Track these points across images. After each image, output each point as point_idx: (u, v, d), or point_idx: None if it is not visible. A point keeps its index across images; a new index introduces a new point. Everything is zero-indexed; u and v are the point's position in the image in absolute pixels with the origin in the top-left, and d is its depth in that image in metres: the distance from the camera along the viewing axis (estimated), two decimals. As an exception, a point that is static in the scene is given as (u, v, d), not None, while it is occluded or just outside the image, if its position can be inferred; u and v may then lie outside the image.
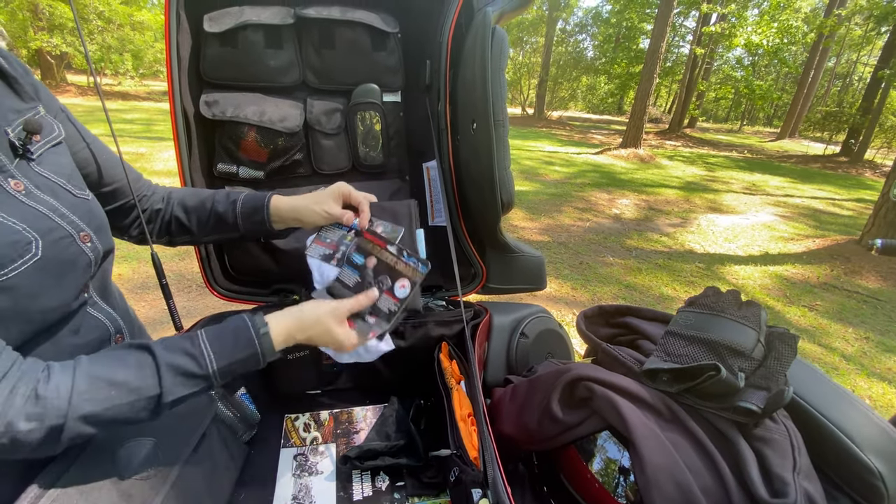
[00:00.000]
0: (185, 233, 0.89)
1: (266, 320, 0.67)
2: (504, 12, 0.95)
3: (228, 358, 0.62)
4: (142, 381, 0.56)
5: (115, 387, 0.54)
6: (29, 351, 0.59)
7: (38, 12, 12.45)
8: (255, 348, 0.64)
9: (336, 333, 0.72)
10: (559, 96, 24.60)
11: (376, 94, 1.12)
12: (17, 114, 0.62)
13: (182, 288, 3.24)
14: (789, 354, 0.64)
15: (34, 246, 0.56)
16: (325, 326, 0.71)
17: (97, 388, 0.53)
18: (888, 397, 2.68)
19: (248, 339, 0.64)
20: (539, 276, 1.24)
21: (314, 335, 0.71)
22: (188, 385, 0.59)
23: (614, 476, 0.69)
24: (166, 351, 0.59)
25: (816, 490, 0.57)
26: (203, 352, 0.61)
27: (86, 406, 0.52)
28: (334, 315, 0.72)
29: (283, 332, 0.68)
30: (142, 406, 0.56)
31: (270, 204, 0.85)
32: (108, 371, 0.55)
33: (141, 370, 0.56)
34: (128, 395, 0.55)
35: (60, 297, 0.60)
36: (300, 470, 0.94)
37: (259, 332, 0.65)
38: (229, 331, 0.64)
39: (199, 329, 0.90)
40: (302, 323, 0.70)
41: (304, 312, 0.71)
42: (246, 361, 0.64)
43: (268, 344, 0.66)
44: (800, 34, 14.87)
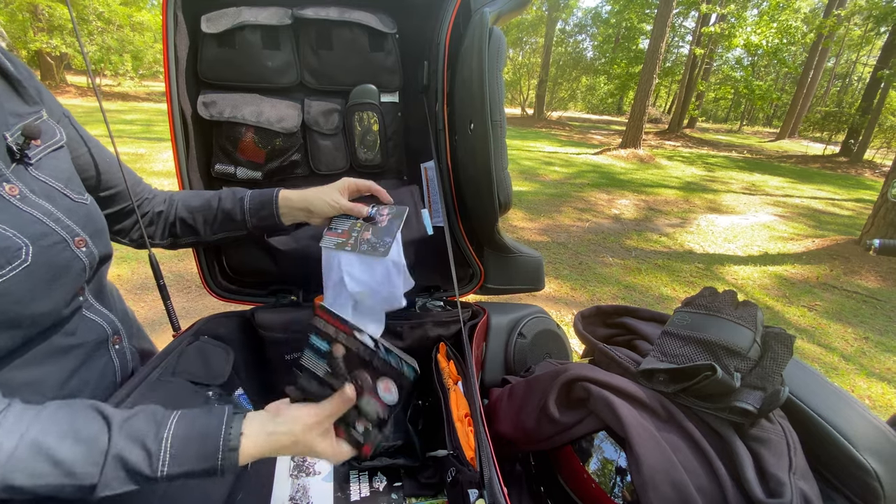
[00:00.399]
0: (191, 233, 0.89)
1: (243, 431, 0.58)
2: (501, 13, 0.95)
3: (183, 466, 0.54)
4: (83, 466, 0.50)
5: (53, 464, 0.49)
6: (21, 354, 0.59)
7: (37, 13, 12.46)
8: (216, 464, 0.56)
9: (319, 450, 0.62)
10: (559, 97, 24.61)
11: (374, 94, 1.12)
12: (18, 118, 0.62)
13: (181, 288, 3.24)
14: (785, 354, 0.64)
15: (24, 252, 0.56)
16: (305, 445, 0.61)
17: (37, 462, 0.48)
18: (888, 397, 2.68)
19: (214, 451, 0.56)
20: (537, 276, 1.24)
21: (292, 453, 0.62)
22: (128, 482, 0.52)
23: (611, 476, 0.69)
24: (123, 437, 0.53)
25: (812, 490, 0.57)
26: (161, 451, 0.53)
27: (17, 477, 0.48)
28: (313, 431, 0.61)
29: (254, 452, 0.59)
30: (70, 492, 0.50)
31: (279, 197, 0.86)
32: (57, 442, 0.50)
33: (89, 451, 0.51)
34: (62, 478, 0.49)
35: (52, 302, 0.60)
36: (298, 471, 0.94)
37: (228, 445, 0.56)
38: (198, 433, 0.56)
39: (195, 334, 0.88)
40: (276, 445, 0.60)
41: (278, 432, 0.60)
42: (197, 474, 0.56)
43: (232, 462, 0.57)
44: (799, 34, 14.88)
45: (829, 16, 15.61)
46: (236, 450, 0.57)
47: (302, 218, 0.89)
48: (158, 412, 0.57)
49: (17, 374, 0.59)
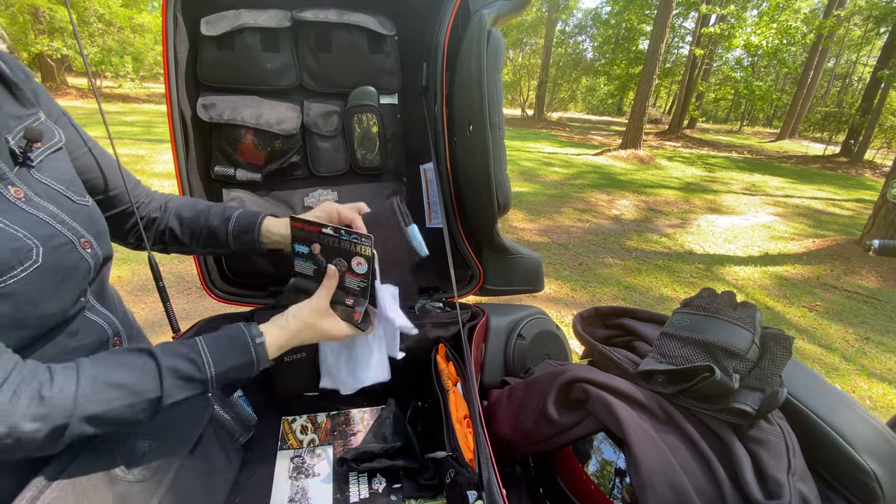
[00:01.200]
0: (178, 244, 0.89)
1: (261, 331, 0.69)
2: (500, 15, 0.96)
3: (225, 364, 0.64)
4: (144, 384, 0.58)
5: (117, 389, 0.56)
6: (27, 355, 0.59)
7: (38, 16, 12.48)
8: (251, 356, 0.66)
9: (326, 329, 0.74)
10: (559, 97, 24.60)
11: (373, 96, 1.12)
12: (17, 120, 0.62)
13: (181, 290, 3.24)
14: (784, 356, 0.64)
15: (35, 253, 0.56)
16: (314, 327, 0.73)
17: (101, 390, 0.55)
18: (888, 398, 2.68)
19: (244, 347, 0.66)
20: (536, 277, 1.24)
21: (307, 338, 0.74)
22: (186, 388, 0.61)
23: (610, 478, 0.69)
24: (167, 355, 0.61)
25: (811, 491, 0.57)
26: (202, 357, 0.63)
27: (90, 407, 0.54)
28: (317, 312, 0.74)
29: (276, 343, 0.70)
30: (142, 408, 0.58)
31: (262, 226, 0.86)
32: (112, 374, 0.56)
33: (143, 374, 0.58)
34: (129, 398, 0.56)
35: (59, 303, 0.61)
36: (297, 472, 0.94)
37: (255, 340, 0.67)
38: (226, 338, 0.66)
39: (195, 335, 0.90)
40: (291, 331, 0.72)
41: (289, 322, 0.73)
42: (241, 368, 0.66)
43: (263, 353, 0.68)
44: (799, 35, 14.87)
45: (828, 16, 15.61)
46: (263, 344, 0.68)
47: (281, 245, 0.87)
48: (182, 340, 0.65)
49: None
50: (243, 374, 0.67)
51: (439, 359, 1.01)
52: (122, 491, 0.64)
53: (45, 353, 0.62)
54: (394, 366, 0.95)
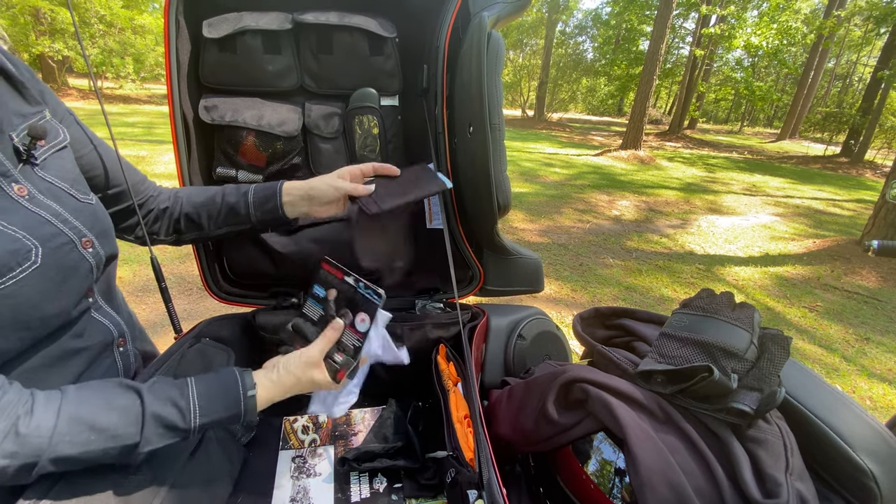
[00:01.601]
0: (195, 228, 0.89)
1: (255, 382, 0.68)
2: (500, 17, 0.96)
3: (212, 415, 0.62)
4: (124, 428, 0.56)
5: (95, 432, 0.54)
6: (30, 356, 0.60)
7: (39, 17, 12.50)
8: (240, 409, 0.65)
9: (314, 381, 0.73)
10: (559, 98, 24.60)
11: (374, 98, 1.13)
12: (22, 118, 0.62)
13: (182, 290, 3.25)
14: (782, 356, 0.64)
15: (34, 254, 0.56)
16: (302, 381, 0.71)
17: (78, 431, 0.53)
18: (889, 398, 2.68)
19: (235, 399, 0.65)
20: (536, 278, 1.24)
21: (295, 391, 0.72)
22: (167, 437, 0.59)
23: (610, 477, 0.69)
24: (155, 399, 0.59)
25: (809, 490, 0.57)
26: (190, 406, 0.61)
27: (64, 448, 0.52)
28: (308, 364, 0.72)
29: (266, 398, 0.69)
30: (116, 453, 0.56)
31: (283, 189, 0.87)
32: (93, 413, 0.54)
33: (126, 417, 0.56)
34: (106, 441, 0.55)
35: (61, 303, 0.61)
36: (298, 472, 0.95)
37: (247, 393, 0.66)
38: (219, 386, 0.65)
39: (197, 336, 0.91)
40: (282, 386, 0.70)
41: (281, 376, 0.71)
42: (226, 420, 0.65)
43: (252, 406, 0.66)
44: (799, 35, 14.87)
45: (829, 17, 15.62)
46: (254, 396, 0.66)
47: (304, 208, 0.88)
48: (173, 380, 0.64)
49: (25, 377, 0.59)
50: (229, 423, 0.65)
51: (440, 359, 1.01)
52: (124, 491, 0.64)
53: (50, 354, 0.62)
54: (394, 366, 0.96)
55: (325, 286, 0.81)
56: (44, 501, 0.58)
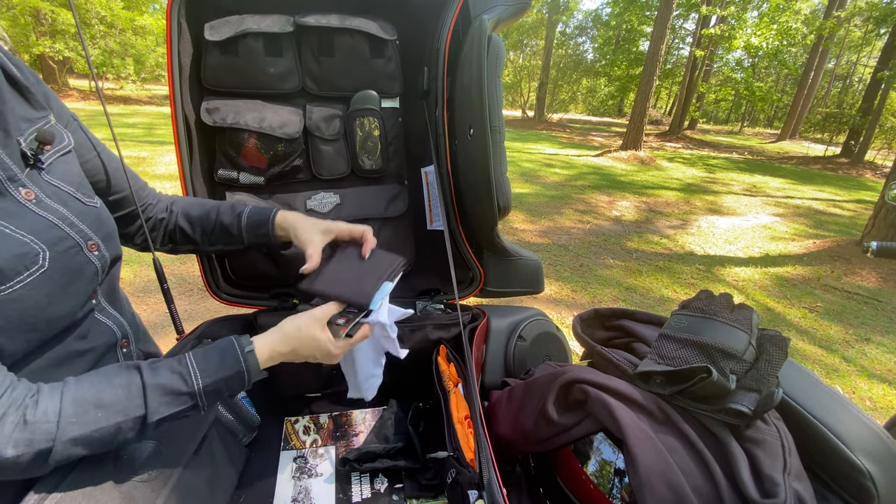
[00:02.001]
0: (189, 242, 0.90)
1: (251, 340, 0.68)
2: (500, 20, 0.97)
3: (214, 375, 0.63)
4: (128, 401, 0.57)
5: (101, 409, 0.55)
6: (36, 357, 0.60)
7: (39, 17, 12.52)
8: (241, 366, 0.65)
9: (319, 338, 0.71)
10: (559, 99, 24.58)
11: (375, 100, 1.13)
12: (28, 123, 0.63)
13: (184, 291, 3.25)
14: (780, 357, 0.65)
15: (41, 258, 0.57)
16: (308, 333, 0.71)
17: (84, 411, 0.54)
18: (889, 399, 2.68)
19: (234, 357, 0.65)
20: (536, 279, 1.25)
21: (298, 345, 0.70)
22: (174, 404, 0.60)
23: (609, 478, 0.69)
24: (153, 370, 0.60)
25: (806, 490, 0.57)
26: (189, 370, 0.62)
27: (74, 429, 0.53)
28: (314, 320, 0.72)
29: (267, 349, 0.68)
30: (129, 427, 0.57)
31: (275, 221, 0.87)
32: (95, 393, 0.56)
33: (127, 390, 0.57)
34: (114, 417, 0.56)
35: (67, 306, 0.61)
36: (300, 472, 0.95)
37: (244, 350, 0.66)
38: (215, 350, 0.65)
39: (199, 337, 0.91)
40: (284, 336, 0.70)
41: (284, 326, 0.71)
42: (231, 379, 0.64)
43: (253, 361, 0.66)
44: (799, 36, 14.89)
45: (829, 17, 15.62)
46: (253, 352, 0.66)
47: (293, 241, 0.87)
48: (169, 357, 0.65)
49: (30, 377, 0.60)
50: (235, 385, 0.65)
51: (440, 360, 1.02)
52: (127, 490, 0.65)
53: (55, 356, 0.63)
54: (395, 367, 0.96)
55: None
56: (49, 499, 0.58)
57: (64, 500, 0.59)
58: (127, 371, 0.59)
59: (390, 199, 1.24)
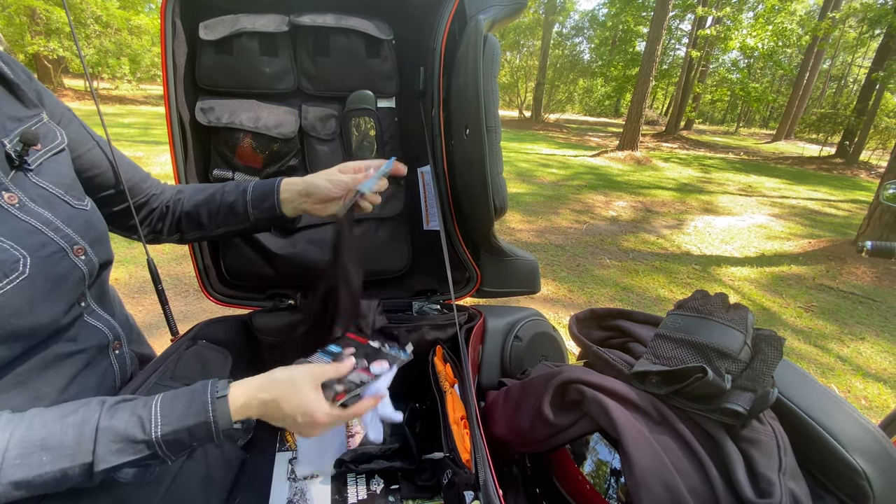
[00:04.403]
0: (196, 227, 0.88)
1: (230, 385, 0.60)
2: (496, 20, 0.97)
3: (175, 423, 0.55)
4: (76, 445, 0.51)
5: (47, 451, 0.50)
6: (20, 363, 0.59)
7: (35, 17, 12.45)
8: (207, 415, 0.56)
9: (308, 396, 0.61)
10: (556, 99, 24.60)
11: (371, 100, 1.13)
12: (17, 122, 0.62)
13: (179, 292, 3.24)
14: (775, 356, 0.65)
15: (21, 264, 0.55)
16: (298, 386, 0.61)
17: (29, 453, 0.49)
18: (883, 398, 2.70)
19: (202, 404, 0.56)
20: (533, 279, 1.25)
21: (282, 395, 0.61)
22: (126, 452, 0.53)
23: (606, 478, 0.69)
24: (113, 411, 0.54)
25: (802, 490, 0.58)
26: (151, 415, 0.54)
27: (16, 472, 0.48)
28: (309, 375, 0.63)
29: (244, 395, 0.59)
30: (74, 473, 0.51)
31: (280, 186, 0.84)
32: (45, 432, 0.50)
33: (79, 432, 0.51)
34: (60, 462, 0.50)
35: (51, 312, 0.60)
36: (295, 474, 0.95)
37: (216, 395, 0.57)
38: (185, 393, 0.58)
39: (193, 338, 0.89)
40: (271, 381, 0.62)
41: (274, 372, 0.63)
42: (196, 429, 0.56)
43: (222, 410, 0.57)
44: (794, 37, 14.99)
45: (823, 18, 15.72)
46: (225, 398, 0.58)
47: (302, 205, 0.85)
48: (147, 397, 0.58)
49: (17, 380, 0.59)
50: (201, 435, 0.56)
51: (437, 360, 1.01)
52: (120, 493, 0.64)
53: (43, 359, 0.62)
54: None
55: (344, 346, 0.77)
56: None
57: (53, 502, 0.58)
58: (86, 408, 0.53)
59: (386, 198, 1.23)
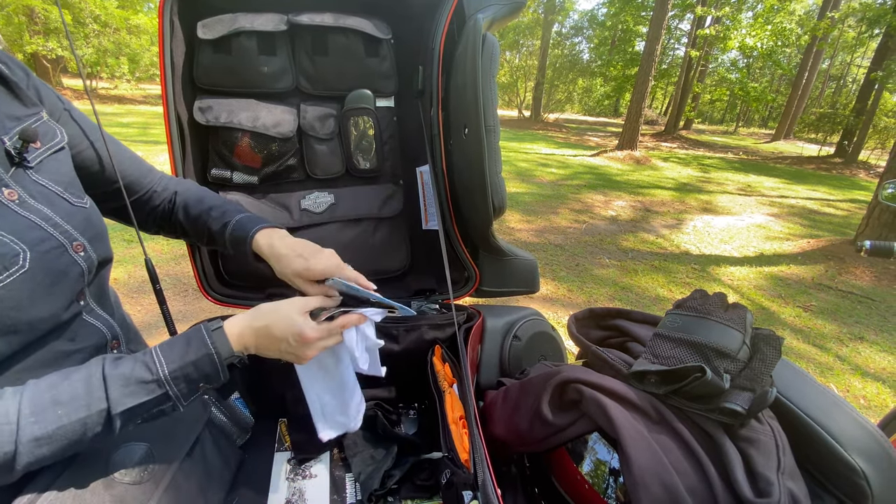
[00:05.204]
0: (186, 235, 0.91)
1: (221, 320, 0.64)
2: (495, 19, 0.96)
3: (179, 360, 0.59)
4: (88, 395, 0.54)
5: (61, 405, 0.52)
6: (19, 360, 0.59)
7: (33, 16, 12.43)
8: (209, 348, 0.60)
9: (295, 320, 0.66)
10: (555, 99, 24.63)
11: (369, 99, 1.13)
12: (16, 121, 0.62)
13: (178, 292, 3.24)
14: (774, 356, 0.65)
15: (21, 258, 0.56)
16: (285, 312, 0.66)
17: (43, 409, 0.51)
18: (882, 397, 2.70)
19: (201, 339, 0.61)
20: (532, 279, 1.25)
21: (271, 321, 0.65)
22: (139, 393, 0.56)
23: (604, 478, 0.69)
24: (115, 362, 0.58)
25: (800, 489, 0.57)
26: (154, 358, 0.59)
27: (34, 429, 0.51)
28: (293, 304, 0.67)
29: (238, 325, 0.64)
30: (94, 422, 0.54)
31: (252, 244, 0.81)
32: (54, 390, 0.53)
33: (87, 384, 0.55)
34: (76, 412, 0.53)
35: (50, 307, 0.60)
36: (294, 474, 0.95)
37: (210, 329, 0.62)
38: (182, 337, 0.62)
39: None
40: (258, 311, 0.66)
41: (260, 307, 0.67)
42: (200, 363, 0.60)
43: (221, 340, 0.62)
44: (793, 36, 15.00)
45: (822, 18, 15.74)
46: (221, 329, 0.63)
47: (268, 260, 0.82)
48: None
49: (15, 378, 0.59)
50: (206, 367, 0.60)
51: (435, 360, 1.01)
52: (119, 493, 0.64)
53: (41, 357, 0.62)
54: (390, 367, 0.96)
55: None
56: (40, 500, 0.58)
57: (54, 503, 0.59)
58: (88, 366, 0.57)
59: (385, 198, 1.23)
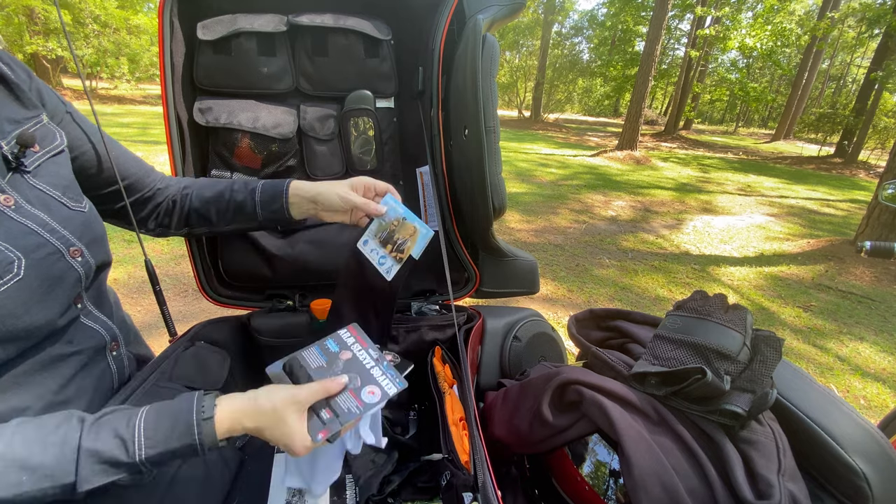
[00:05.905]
0: (205, 223, 0.89)
1: (216, 403, 0.59)
2: (495, 20, 0.96)
3: (160, 446, 0.54)
4: (57, 466, 0.50)
5: (27, 471, 0.49)
6: (16, 364, 0.59)
7: (33, 17, 12.43)
8: (193, 438, 0.56)
9: (291, 427, 0.61)
10: (555, 99, 24.66)
11: (369, 100, 1.13)
12: (15, 125, 0.61)
13: (178, 292, 3.23)
14: (774, 357, 0.65)
15: (16, 266, 0.55)
16: (281, 416, 0.60)
17: (9, 472, 0.48)
18: (882, 398, 2.70)
19: (188, 426, 0.56)
20: (532, 279, 1.24)
21: (265, 425, 0.60)
22: (109, 474, 0.52)
23: (604, 479, 0.69)
24: (96, 429, 0.53)
25: (801, 491, 0.57)
26: (135, 436, 0.54)
27: None
28: (294, 403, 0.62)
29: (229, 419, 0.59)
30: (55, 492, 0.50)
31: (289, 190, 0.84)
32: (26, 451, 0.49)
33: (60, 451, 0.50)
34: (40, 482, 0.49)
35: (46, 314, 0.59)
36: (294, 475, 0.94)
37: (202, 417, 0.57)
38: (170, 413, 0.57)
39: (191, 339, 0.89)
40: (256, 411, 0.60)
41: (259, 397, 0.61)
42: (180, 450, 0.56)
43: (208, 432, 0.57)
44: (793, 37, 15.00)
45: (822, 18, 15.75)
46: (211, 420, 0.57)
47: (310, 210, 0.85)
48: (128, 409, 0.58)
49: (14, 381, 0.59)
50: (187, 454, 0.56)
51: (436, 361, 1.01)
52: (119, 494, 0.64)
53: (39, 360, 0.62)
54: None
55: (342, 346, 0.75)
56: None
57: None
58: (68, 425, 0.53)
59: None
